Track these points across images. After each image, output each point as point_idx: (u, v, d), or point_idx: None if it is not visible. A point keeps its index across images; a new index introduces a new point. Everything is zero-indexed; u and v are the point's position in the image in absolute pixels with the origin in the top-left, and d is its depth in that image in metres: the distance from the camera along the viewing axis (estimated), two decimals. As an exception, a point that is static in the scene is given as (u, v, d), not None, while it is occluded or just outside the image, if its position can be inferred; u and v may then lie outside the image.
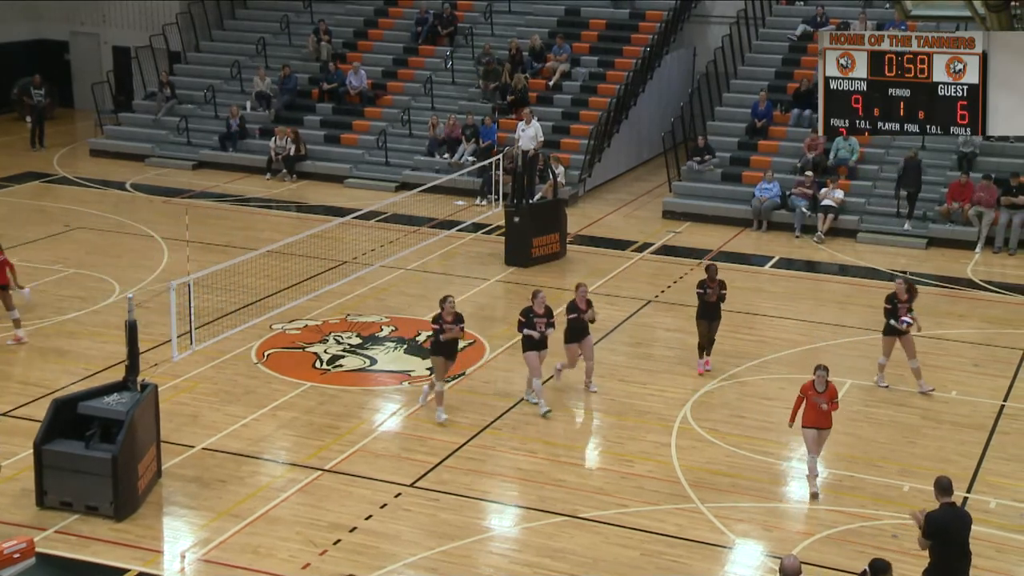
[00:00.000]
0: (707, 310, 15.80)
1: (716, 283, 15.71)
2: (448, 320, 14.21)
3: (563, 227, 21.01)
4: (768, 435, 14.12)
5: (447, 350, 14.36)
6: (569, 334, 15.04)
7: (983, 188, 21.89)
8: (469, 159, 24.89)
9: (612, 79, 26.79)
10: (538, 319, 14.61)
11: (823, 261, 21.32)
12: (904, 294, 15.13)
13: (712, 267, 15.99)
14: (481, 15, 29.30)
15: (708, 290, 15.69)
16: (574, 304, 14.99)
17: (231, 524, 12.02)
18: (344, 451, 13.62)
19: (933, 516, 10.02)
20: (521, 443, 13.96)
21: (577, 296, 15.06)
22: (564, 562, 11.49)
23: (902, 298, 15.10)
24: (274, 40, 29.84)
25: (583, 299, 15.00)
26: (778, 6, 28.38)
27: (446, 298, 14.33)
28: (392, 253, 20.42)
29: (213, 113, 28.06)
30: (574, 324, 14.94)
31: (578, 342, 15.06)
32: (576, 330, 14.99)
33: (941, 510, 10.08)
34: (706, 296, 15.70)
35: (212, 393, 15.10)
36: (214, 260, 18.18)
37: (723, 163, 24.44)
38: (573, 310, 14.94)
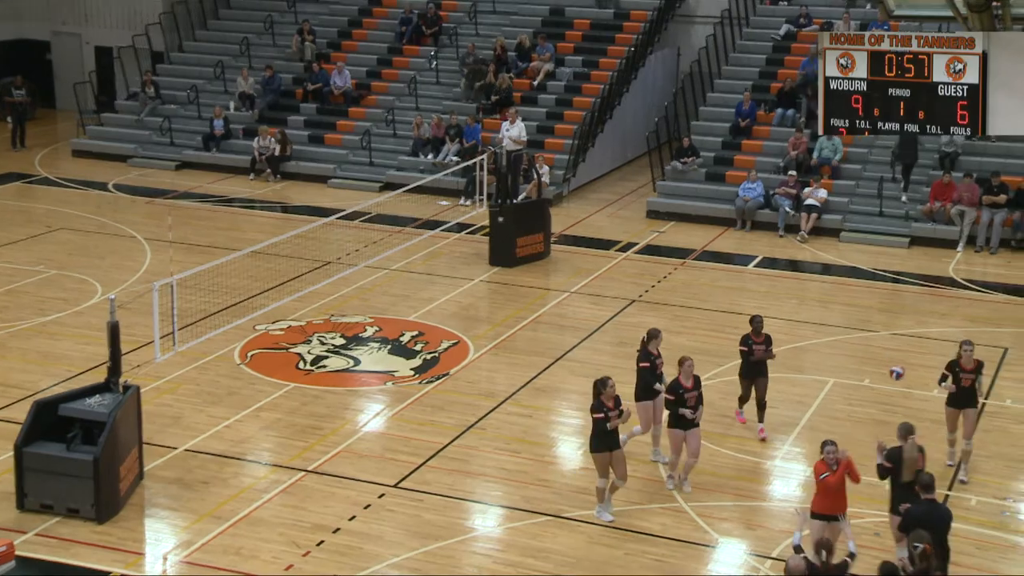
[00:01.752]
0: (752, 369, 13.93)
1: (762, 337, 13.89)
2: (611, 406, 12.06)
3: (547, 227, 21.01)
4: (751, 434, 14.15)
5: (612, 441, 12.16)
6: (673, 419, 12.73)
7: (965, 187, 21.99)
8: (453, 159, 24.88)
9: (596, 79, 26.82)
10: (689, 394, 12.61)
11: (806, 260, 21.38)
12: (970, 363, 13.10)
13: (757, 319, 13.97)
14: (465, 15, 29.28)
15: (754, 346, 13.85)
16: (677, 383, 12.66)
17: (213, 526, 11.98)
18: (327, 452, 13.59)
19: (912, 512, 10.13)
20: (505, 443, 13.96)
21: (682, 372, 12.68)
22: (548, 562, 11.49)
23: (966, 367, 13.09)
24: (258, 40, 29.77)
25: (689, 374, 12.67)
26: (762, 6, 28.45)
27: (606, 380, 12.11)
28: (376, 253, 20.39)
29: (196, 113, 27.97)
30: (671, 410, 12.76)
31: (684, 430, 12.70)
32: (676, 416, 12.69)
33: (922, 506, 10.19)
34: (751, 354, 13.85)
35: (195, 394, 15.05)
36: (197, 261, 18.12)
37: (707, 163, 24.49)
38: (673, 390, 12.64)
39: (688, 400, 12.58)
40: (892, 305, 19.09)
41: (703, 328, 17.57)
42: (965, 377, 13.06)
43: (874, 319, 18.21)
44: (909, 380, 15.37)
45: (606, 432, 12.05)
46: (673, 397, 12.61)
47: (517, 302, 18.75)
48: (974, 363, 13.05)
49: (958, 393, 13.12)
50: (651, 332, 13.57)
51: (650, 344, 13.42)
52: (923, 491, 10.31)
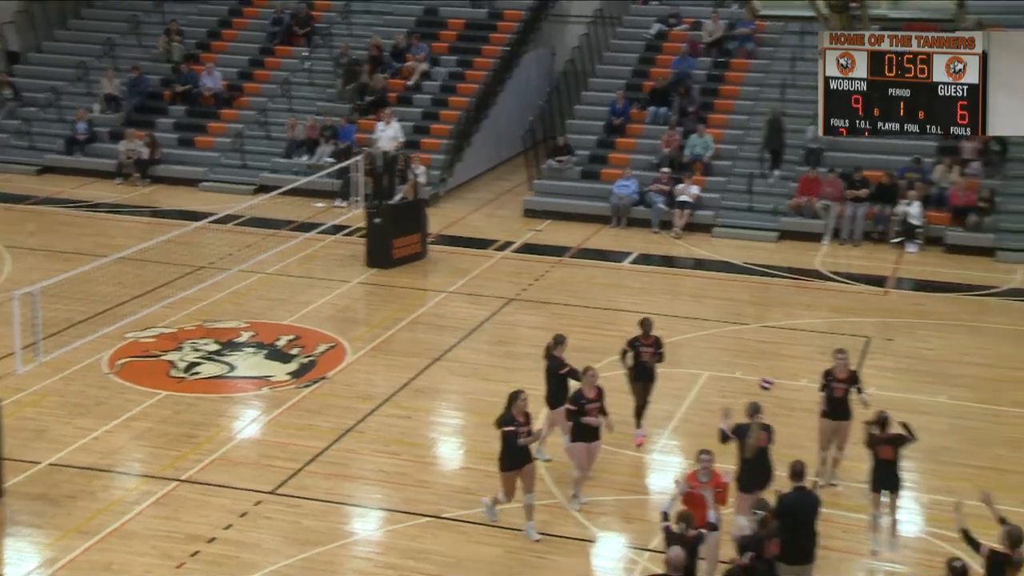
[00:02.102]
0: (642, 371, 13.83)
1: (652, 340, 13.78)
2: (522, 420, 11.70)
3: (424, 227, 20.94)
4: (629, 428, 14.30)
5: (522, 458, 11.76)
6: (576, 431, 12.34)
7: (830, 182, 22.68)
8: (328, 160, 24.60)
9: (471, 78, 26.83)
10: (591, 405, 12.20)
11: (680, 256, 21.75)
12: (843, 372, 12.70)
13: (647, 322, 13.85)
14: (338, 15, 28.99)
15: (643, 348, 13.76)
16: (579, 394, 12.34)
17: (80, 541, 11.58)
18: (202, 460, 13.28)
19: (785, 499, 10.43)
20: (384, 445, 13.84)
21: (584, 383, 12.33)
22: (428, 563, 11.43)
23: (839, 376, 12.63)
24: (122, 40, 28.96)
25: (592, 386, 12.36)
26: (634, 6, 28.85)
27: (518, 393, 11.77)
28: (250, 257, 20.02)
29: (58, 116, 27.05)
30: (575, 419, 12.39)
31: (587, 442, 12.41)
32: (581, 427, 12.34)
33: (792, 493, 10.49)
34: (640, 356, 13.73)
35: (60, 406, 14.54)
36: (62, 268, 17.53)
37: (582, 161, 24.72)
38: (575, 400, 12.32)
39: (590, 412, 12.14)
40: (762, 298, 19.57)
41: (581, 325, 17.71)
42: (837, 387, 12.53)
43: (746, 312, 18.63)
44: (779, 371, 15.78)
45: (516, 448, 11.54)
46: (575, 408, 12.15)
47: (395, 303, 18.63)
48: (847, 372, 12.63)
49: (831, 405, 12.63)
50: (557, 337, 13.14)
51: (556, 349, 13.04)
52: (793, 478, 10.60)
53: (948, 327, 18.15)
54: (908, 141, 22.96)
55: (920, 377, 16.08)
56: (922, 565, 11.59)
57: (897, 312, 18.75)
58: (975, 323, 18.43)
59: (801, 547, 10.41)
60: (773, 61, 26.19)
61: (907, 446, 11.62)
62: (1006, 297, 19.66)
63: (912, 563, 11.63)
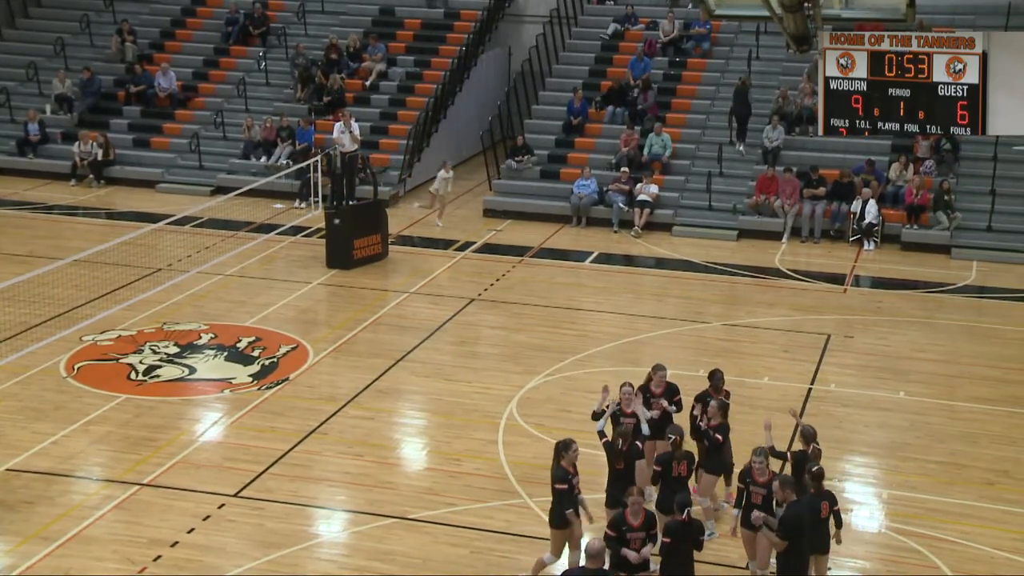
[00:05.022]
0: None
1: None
2: (573, 472, 10.61)
3: (384, 228, 20.85)
4: (593, 427, 14.30)
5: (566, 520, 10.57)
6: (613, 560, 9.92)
7: (787, 181, 22.88)
8: (286, 161, 24.43)
9: (429, 79, 26.78)
10: (633, 534, 9.92)
11: (640, 255, 21.84)
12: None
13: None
14: (294, 15, 28.80)
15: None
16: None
17: (39, 547, 11.39)
18: (163, 464, 13.12)
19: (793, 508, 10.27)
20: (348, 447, 13.76)
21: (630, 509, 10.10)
22: (394, 564, 11.38)
23: (759, 479, 10.57)
24: (74, 40, 28.59)
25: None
26: (589, 5, 28.94)
27: (569, 444, 10.56)
28: (209, 259, 19.83)
29: (8, 117, 26.64)
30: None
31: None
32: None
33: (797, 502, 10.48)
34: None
35: (16, 411, 14.30)
36: (15, 271, 17.26)
37: (541, 161, 24.75)
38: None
39: (632, 542, 9.97)
40: (723, 297, 19.68)
41: (542, 325, 17.73)
42: (756, 492, 10.51)
43: (707, 311, 18.73)
44: (742, 368, 15.90)
45: (569, 504, 10.44)
46: (615, 534, 9.98)
47: (356, 304, 18.54)
48: (769, 475, 10.57)
49: (747, 511, 10.50)
50: (656, 367, 12.13)
51: (652, 382, 11.95)
52: (812, 481, 10.31)
53: (905, 324, 18.37)
54: (861, 140, 23.23)
55: (879, 374, 16.24)
56: (883, 560, 11.71)
57: (856, 309, 18.95)
58: (932, 320, 18.68)
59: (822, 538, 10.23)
60: (729, 60, 26.39)
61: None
62: (961, 294, 19.94)
63: (873, 558, 11.74)
